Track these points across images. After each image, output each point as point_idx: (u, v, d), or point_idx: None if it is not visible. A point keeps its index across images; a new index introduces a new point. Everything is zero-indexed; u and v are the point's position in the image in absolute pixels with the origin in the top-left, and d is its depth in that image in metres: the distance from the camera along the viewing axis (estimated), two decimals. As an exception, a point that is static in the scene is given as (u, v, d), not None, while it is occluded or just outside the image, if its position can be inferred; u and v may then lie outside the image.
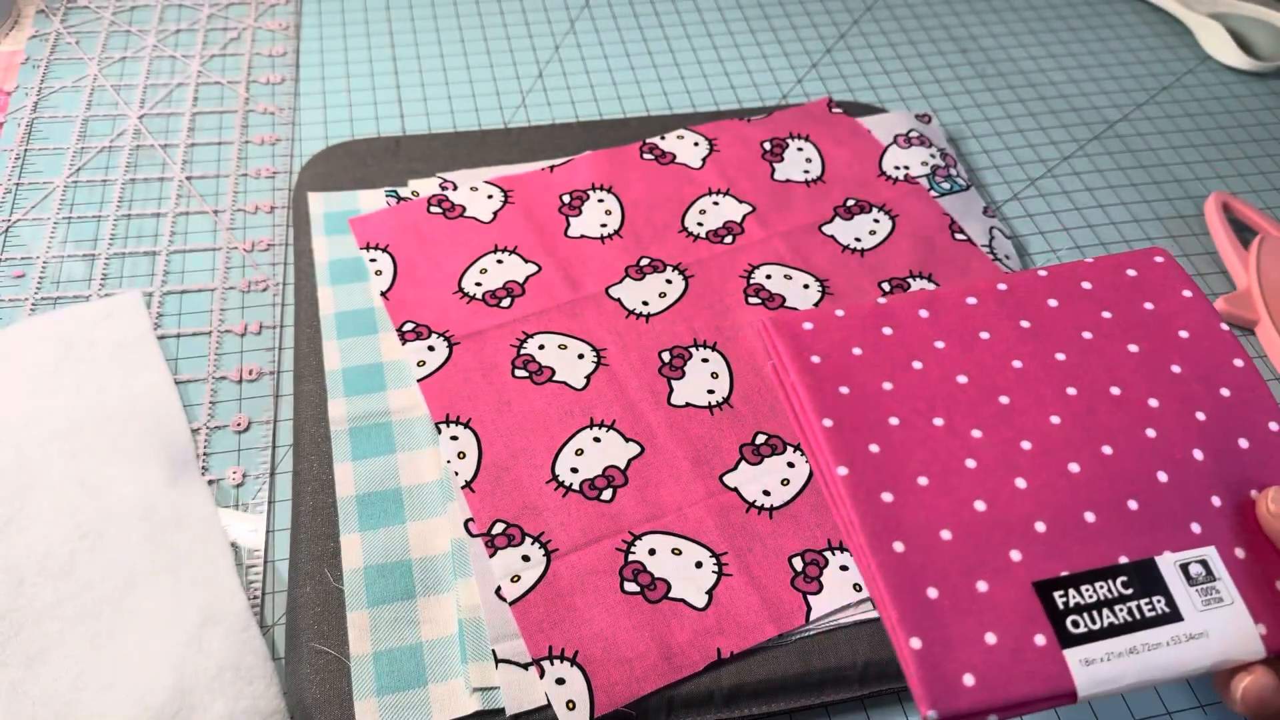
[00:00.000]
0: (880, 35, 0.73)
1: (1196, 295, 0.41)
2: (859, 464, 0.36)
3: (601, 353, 0.50)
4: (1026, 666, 0.32)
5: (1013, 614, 0.33)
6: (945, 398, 0.38)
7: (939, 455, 0.36)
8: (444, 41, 0.69)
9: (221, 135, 0.61)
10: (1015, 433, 0.37)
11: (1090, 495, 0.36)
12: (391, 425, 0.47)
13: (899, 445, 0.36)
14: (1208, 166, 0.65)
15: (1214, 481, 0.36)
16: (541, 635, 0.40)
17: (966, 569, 0.34)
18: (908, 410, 0.37)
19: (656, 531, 0.44)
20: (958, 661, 0.32)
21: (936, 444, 0.37)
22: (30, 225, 0.55)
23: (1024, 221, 0.61)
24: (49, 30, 0.67)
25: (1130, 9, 0.78)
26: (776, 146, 0.60)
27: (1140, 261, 0.42)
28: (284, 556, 0.44)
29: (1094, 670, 0.32)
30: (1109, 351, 0.39)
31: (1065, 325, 0.40)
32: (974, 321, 0.40)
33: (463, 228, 0.55)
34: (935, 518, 0.35)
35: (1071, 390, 0.38)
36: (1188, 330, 0.40)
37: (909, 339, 0.39)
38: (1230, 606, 0.34)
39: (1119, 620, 0.33)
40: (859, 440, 0.36)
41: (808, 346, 0.39)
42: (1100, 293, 0.41)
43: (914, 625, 0.33)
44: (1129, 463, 0.36)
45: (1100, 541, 0.35)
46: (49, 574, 0.41)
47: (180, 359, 0.50)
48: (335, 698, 0.39)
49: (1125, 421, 0.37)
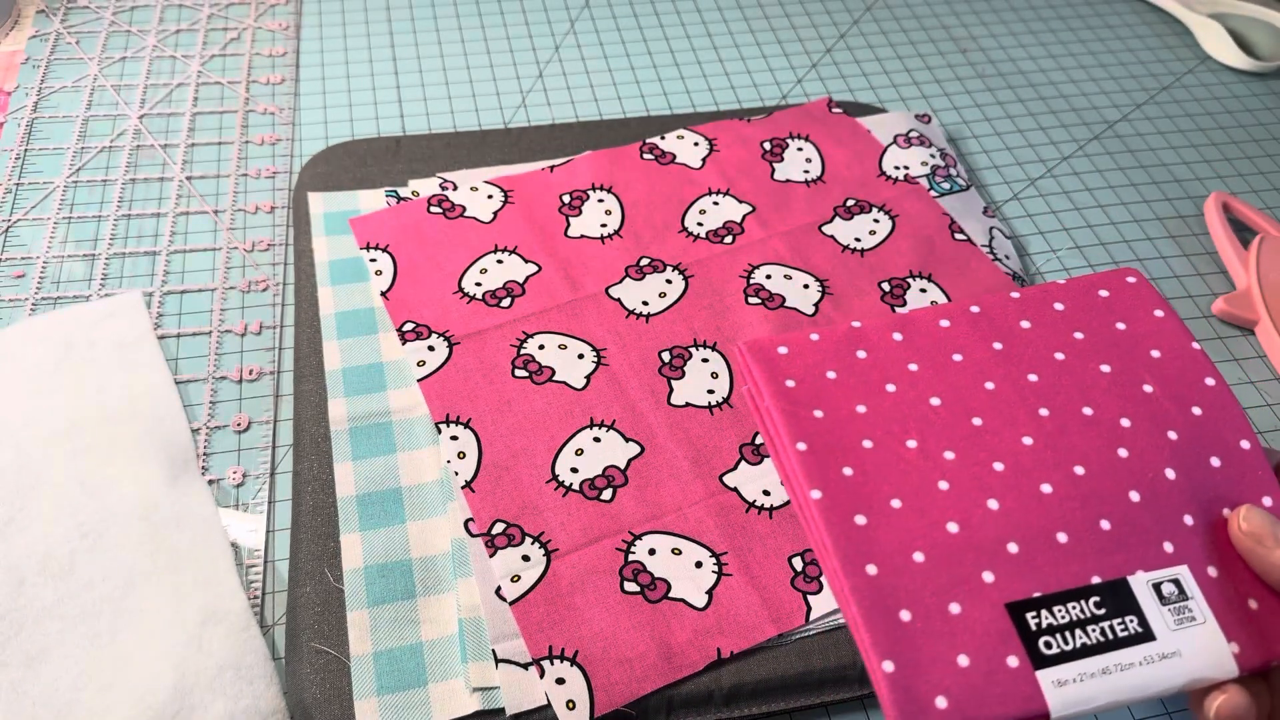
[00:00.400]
0: (880, 35, 0.73)
1: (1169, 315, 0.41)
2: (832, 487, 0.36)
3: (601, 353, 0.50)
4: (999, 688, 0.32)
5: (985, 635, 0.33)
6: (918, 420, 0.38)
7: (912, 477, 0.36)
8: (444, 41, 0.69)
9: (222, 135, 0.61)
10: (988, 454, 0.37)
11: (1062, 515, 0.36)
12: (391, 425, 0.47)
13: (872, 468, 0.36)
14: (1208, 166, 0.65)
15: (1186, 500, 0.36)
16: (541, 635, 0.40)
17: (939, 590, 0.34)
18: (881, 433, 0.37)
19: (656, 531, 0.44)
20: (930, 684, 0.32)
21: (909, 466, 0.37)
22: (30, 225, 0.55)
23: (1024, 221, 0.61)
24: (49, 30, 0.67)
25: (1130, 9, 0.78)
26: (776, 146, 0.60)
27: (1112, 282, 0.42)
28: (284, 556, 0.44)
29: (1067, 691, 0.32)
30: (1081, 372, 0.39)
31: (1037, 346, 0.40)
32: (947, 344, 0.40)
33: (463, 228, 0.55)
34: (908, 540, 0.35)
35: (1044, 411, 0.38)
36: (1159, 350, 0.40)
37: (883, 361, 0.39)
38: (1203, 625, 0.34)
39: (1091, 641, 0.33)
40: (832, 463, 0.36)
41: (782, 371, 0.39)
42: (1072, 313, 0.41)
43: (886, 648, 0.33)
44: (1101, 482, 0.36)
45: (1073, 562, 0.35)
46: (49, 574, 0.41)
47: (180, 359, 0.50)
48: (335, 697, 0.39)
49: (1097, 442, 0.37)
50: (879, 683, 0.32)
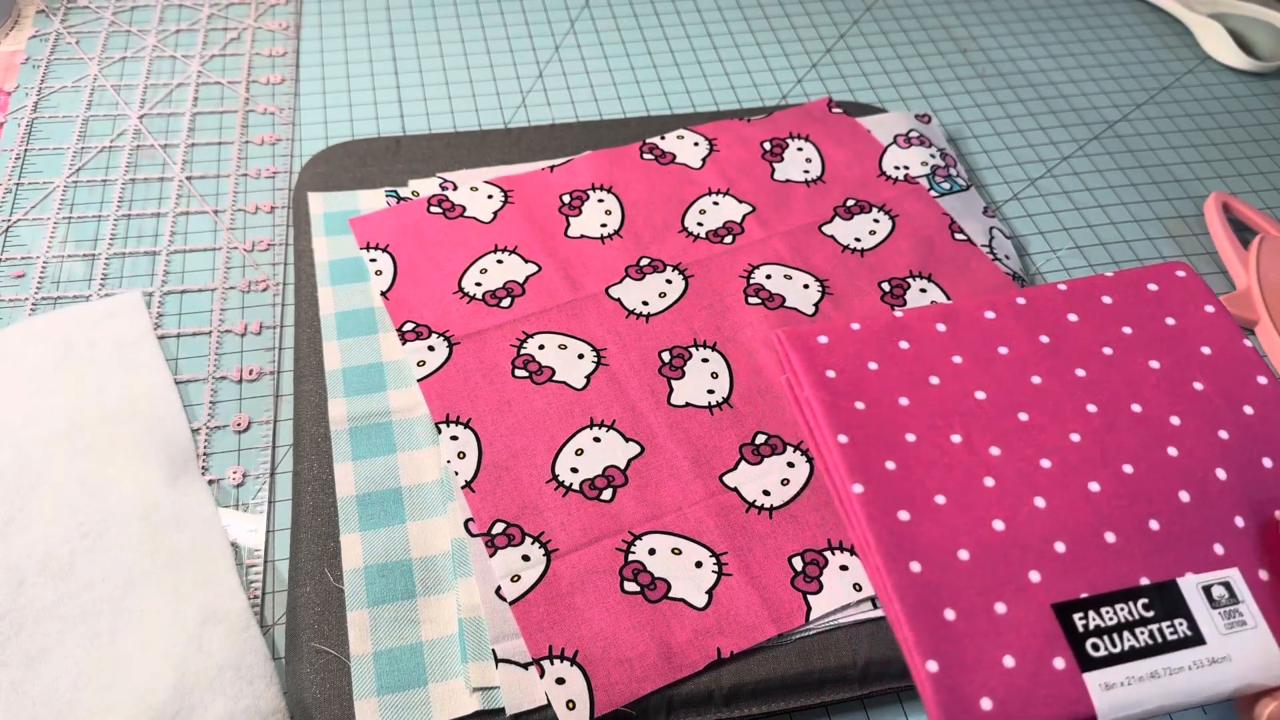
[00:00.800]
0: (880, 35, 0.73)
1: (1219, 311, 0.40)
2: (875, 481, 0.35)
3: (601, 353, 0.50)
4: (1045, 690, 0.32)
5: (1031, 636, 0.33)
6: (963, 413, 0.37)
7: (956, 472, 0.36)
8: (444, 41, 0.69)
9: (222, 135, 0.61)
10: (1034, 450, 0.36)
11: (1111, 515, 0.35)
12: (392, 425, 0.47)
13: (915, 462, 0.36)
14: (1208, 166, 0.65)
15: (1237, 501, 0.35)
16: (541, 635, 0.40)
17: (984, 590, 0.33)
18: (925, 427, 0.37)
19: (656, 531, 0.44)
20: (975, 684, 0.32)
21: (954, 461, 0.36)
22: (30, 225, 0.55)
23: (1024, 221, 0.61)
24: (49, 30, 0.67)
25: (1130, 9, 0.78)
26: (776, 146, 0.60)
27: (1162, 275, 0.41)
28: (284, 556, 0.44)
29: (1114, 695, 0.32)
30: (1129, 367, 0.38)
31: (1085, 340, 0.39)
32: (992, 336, 0.39)
33: (463, 228, 0.55)
34: (953, 537, 0.34)
35: (1091, 407, 0.37)
36: (1210, 346, 0.39)
37: (926, 353, 0.38)
38: (1254, 630, 0.33)
39: (1140, 643, 0.33)
40: (875, 456, 0.36)
41: (822, 361, 0.38)
42: (1121, 307, 0.40)
43: (931, 648, 0.32)
44: (1150, 482, 0.36)
45: (1121, 562, 0.34)
46: (49, 574, 0.41)
47: (180, 359, 0.50)
48: (335, 697, 0.39)
49: (1146, 439, 0.37)
50: (923, 683, 0.32)
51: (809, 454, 0.46)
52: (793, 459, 0.46)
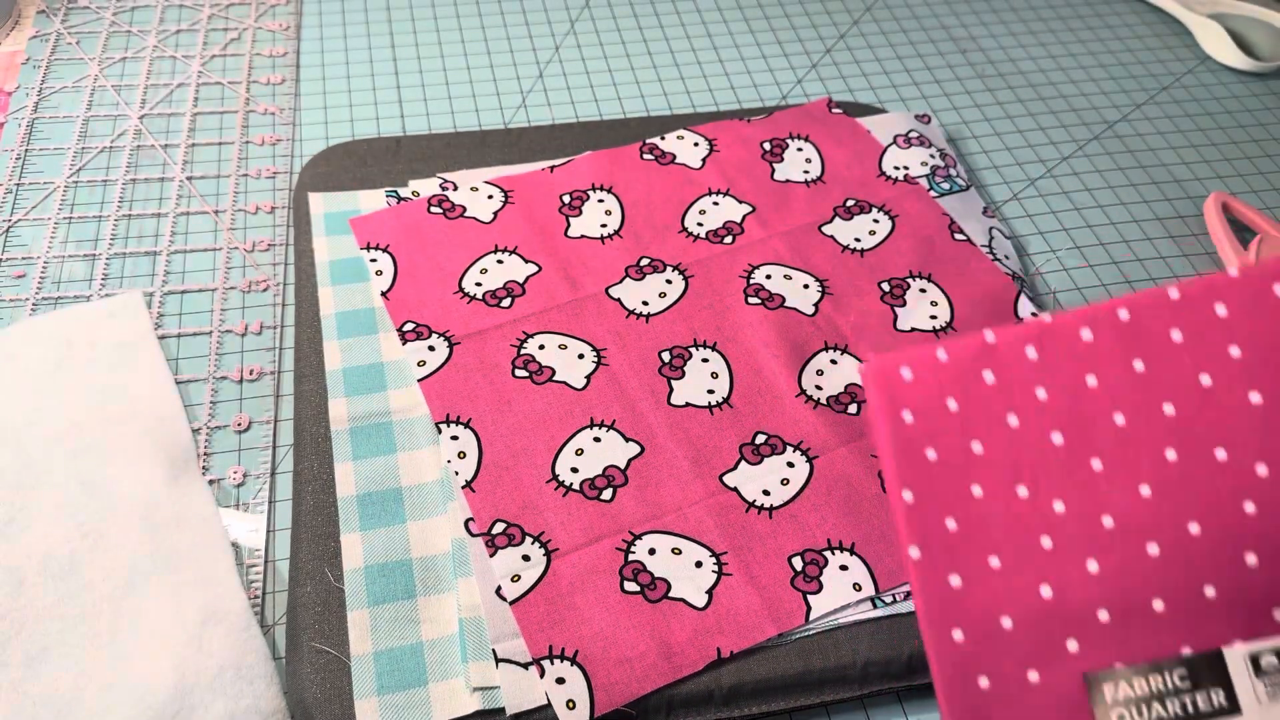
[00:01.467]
0: (880, 35, 0.73)
1: None
2: (933, 544, 0.33)
3: (601, 353, 0.50)
4: None
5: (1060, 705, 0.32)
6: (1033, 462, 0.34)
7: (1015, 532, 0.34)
8: (444, 41, 0.70)
9: (222, 135, 0.61)
10: (1098, 506, 0.34)
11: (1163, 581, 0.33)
12: (392, 425, 0.47)
13: (977, 520, 0.34)
14: (1207, 166, 0.65)
15: None
16: (542, 634, 0.40)
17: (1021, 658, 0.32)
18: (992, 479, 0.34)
19: (656, 531, 0.44)
20: None
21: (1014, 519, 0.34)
22: (31, 225, 0.56)
23: (1024, 221, 0.61)
24: (49, 30, 0.67)
25: (1130, 9, 0.78)
26: (776, 147, 0.60)
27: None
28: (284, 556, 0.44)
29: None
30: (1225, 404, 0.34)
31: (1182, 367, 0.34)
32: (1084, 363, 0.35)
33: (463, 228, 0.55)
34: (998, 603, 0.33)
35: (1171, 454, 0.34)
36: None
37: (1010, 385, 0.35)
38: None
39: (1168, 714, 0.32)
40: (936, 515, 0.34)
41: (901, 400, 0.35)
42: (1235, 319, 0.34)
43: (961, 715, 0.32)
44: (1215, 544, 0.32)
45: (1165, 632, 0.32)
46: (50, 574, 0.41)
47: (181, 359, 0.50)
48: (336, 697, 0.39)
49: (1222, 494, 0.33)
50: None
51: (809, 454, 0.46)
52: (793, 459, 0.46)
